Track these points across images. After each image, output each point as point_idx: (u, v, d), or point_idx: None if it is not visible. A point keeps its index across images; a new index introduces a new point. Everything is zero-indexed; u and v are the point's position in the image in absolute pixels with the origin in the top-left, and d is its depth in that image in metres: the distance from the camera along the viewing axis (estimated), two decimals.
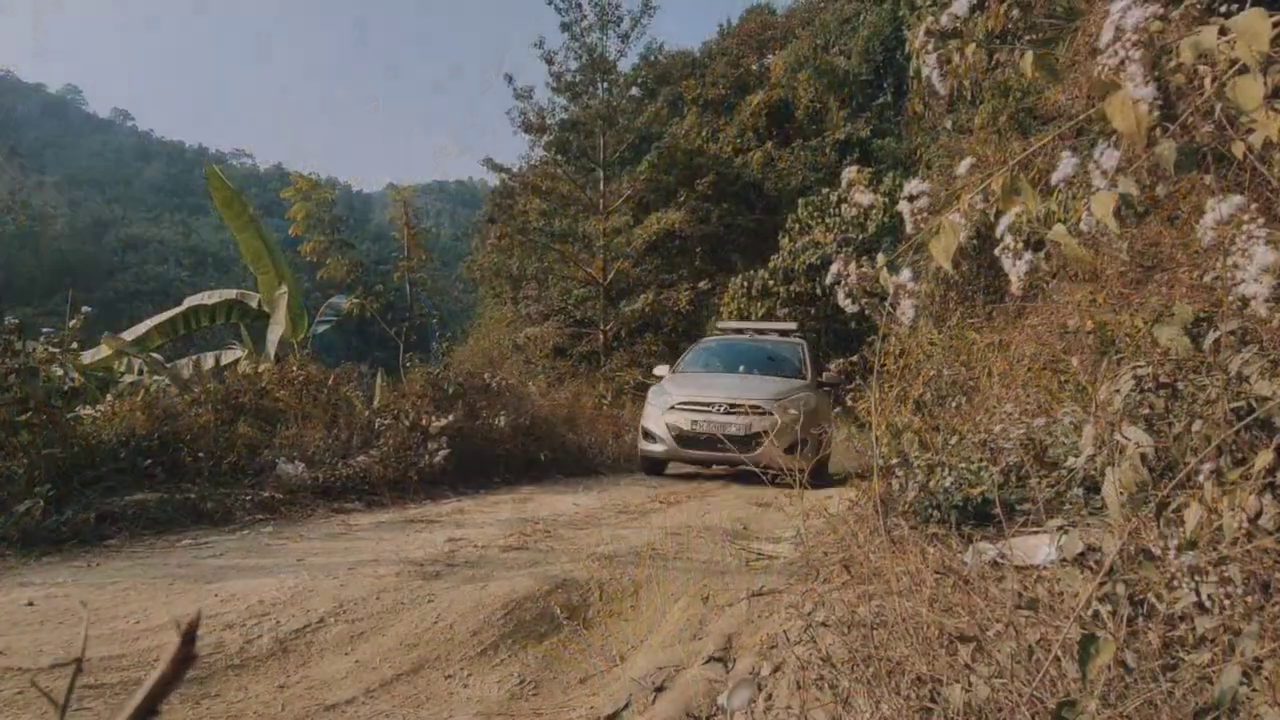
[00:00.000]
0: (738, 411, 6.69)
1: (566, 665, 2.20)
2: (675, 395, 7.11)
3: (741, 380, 7.52)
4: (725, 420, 6.64)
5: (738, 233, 21.13)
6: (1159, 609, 1.26)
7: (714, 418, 6.69)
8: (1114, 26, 1.00)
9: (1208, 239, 1.02)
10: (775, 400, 6.73)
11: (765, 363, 7.95)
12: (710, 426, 6.51)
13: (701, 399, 6.95)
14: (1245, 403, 1.33)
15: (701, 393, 7.08)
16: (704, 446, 6.66)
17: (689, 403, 6.93)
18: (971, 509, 2.75)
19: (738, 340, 8.89)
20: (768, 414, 6.49)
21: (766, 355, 8.16)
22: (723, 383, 7.40)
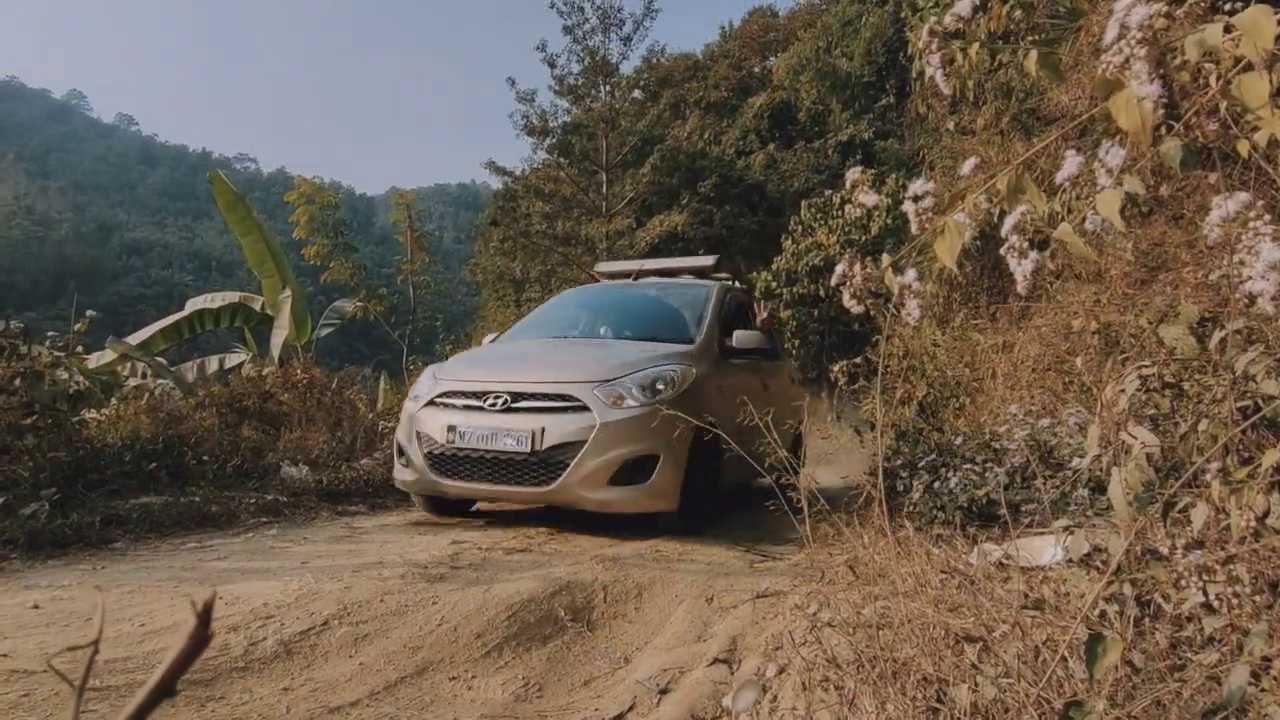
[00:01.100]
0: (523, 408, 3.79)
1: (571, 667, 2.20)
2: (441, 382, 4.14)
3: (565, 352, 4.54)
4: (499, 425, 3.74)
5: (740, 235, 21.12)
6: (1166, 609, 1.26)
7: (484, 420, 3.79)
8: (1118, 24, 1.00)
9: (1213, 237, 1.01)
10: (604, 383, 3.77)
11: (644, 321, 5.04)
12: (476, 437, 3.75)
13: (472, 386, 3.98)
14: (1252, 401, 1.32)
15: (478, 375, 4.11)
16: (469, 473, 3.79)
17: (454, 394, 3.98)
18: (977, 510, 2.75)
19: (614, 290, 5.73)
20: (581, 409, 3.70)
21: (650, 310, 5.26)
22: (530, 356, 4.45)
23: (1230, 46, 0.95)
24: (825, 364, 13.66)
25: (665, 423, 3.23)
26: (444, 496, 4.11)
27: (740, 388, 4.45)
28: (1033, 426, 3.00)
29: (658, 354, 4.15)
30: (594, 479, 3.61)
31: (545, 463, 3.66)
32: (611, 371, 3.87)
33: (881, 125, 22.17)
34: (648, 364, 3.97)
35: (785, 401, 5.58)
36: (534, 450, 3.65)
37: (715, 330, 4.65)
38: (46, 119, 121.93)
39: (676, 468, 3.73)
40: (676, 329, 4.74)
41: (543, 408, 3.77)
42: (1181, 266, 3.65)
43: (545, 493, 3.66)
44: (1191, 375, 1.62)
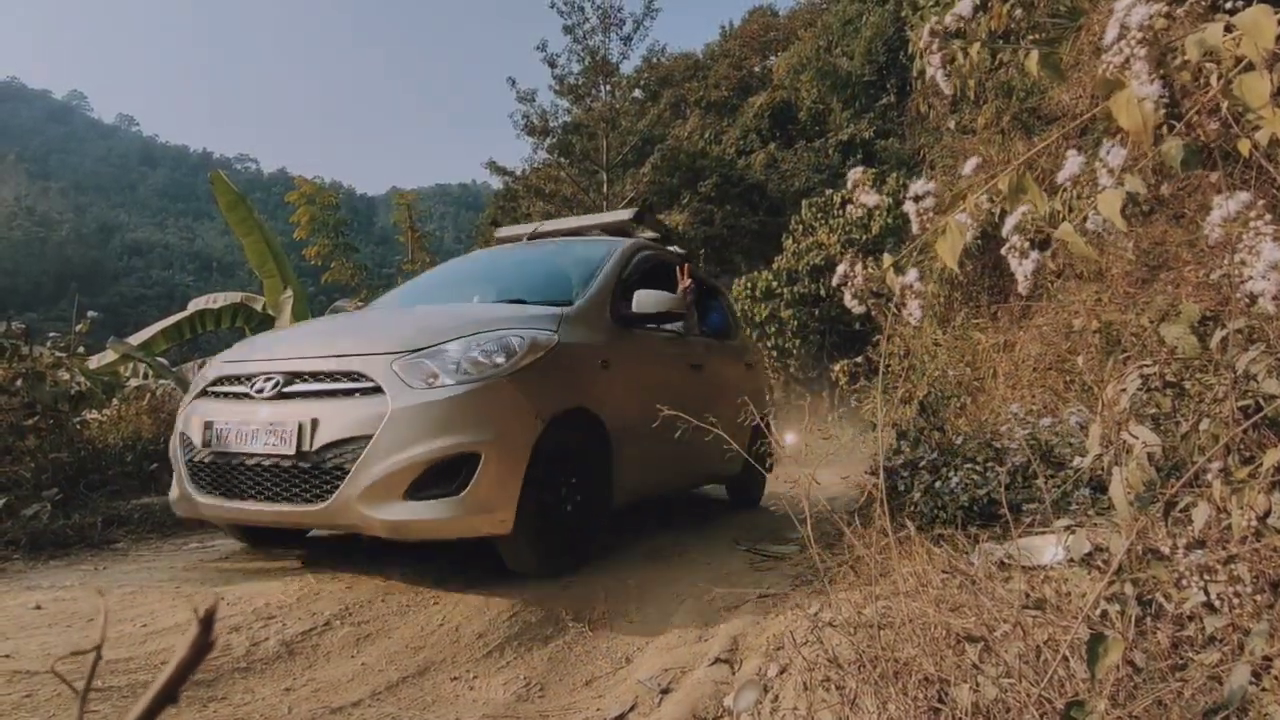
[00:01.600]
0: (298, 393, 2.73)
1: (572, 667, 2.20)
2: (218, 365, 3.09)
3: (377, 316, 3.65)
4: (265, 418, 2.69)
5: (741, 234, 21.13)
6: (1167, 608, 1.26)
7: (248, 413, 2.75)
8: (1118, 24, 1.00)
9: (1214, 236, 1.01)
10: (409, 355, 2.70)
11: (519, 284, 4.04)
12: (236, 436, 2.72)
13: (245, 368, 2.93)
14: (1253, 401, 1.32)
15: (259, 353, 3.03)
16: (228, 488, 2.76)
17: (226, 379, 2.95)
18: (978, 509, 2.75)
19: (500, 252, 4.67)
20: (373, 391, 2.62)
21: (531, 271, 4.25)
22: (336, 326, 3.39)
23: (1231, 46, 0.95)
24: (826, 363, 13.65)
25: (498, 408, 2.52)
26: (205, 519, 2.98)
27: (649, 367, 3.73)
28: (1034, 426, 3.00)
29: (507, 316, 3.01)
30: (383, 490, 2.45)
31: (317, 469, 2.53)
32: (423, 338, 2.72)
33: (882, 124, 22.16)
34: (482, 328, 2.82)
35: (733, 389, 4.52)
36: (301, 451, 2.53)
37: (607, 293, 3.53)
38: (47, 120, 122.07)
39: (508, 471, 2.58)
40: (555, 291, 3.59)
41: (321, 390, 2.66)
42: (1183, 266, 3.65)
43: (316, 513, 2.52)
44: (1193, 374, 1.62)
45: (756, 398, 5.01)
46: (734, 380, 4.81)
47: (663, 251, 4.51)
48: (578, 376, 3.07)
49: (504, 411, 2.61)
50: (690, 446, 3.72)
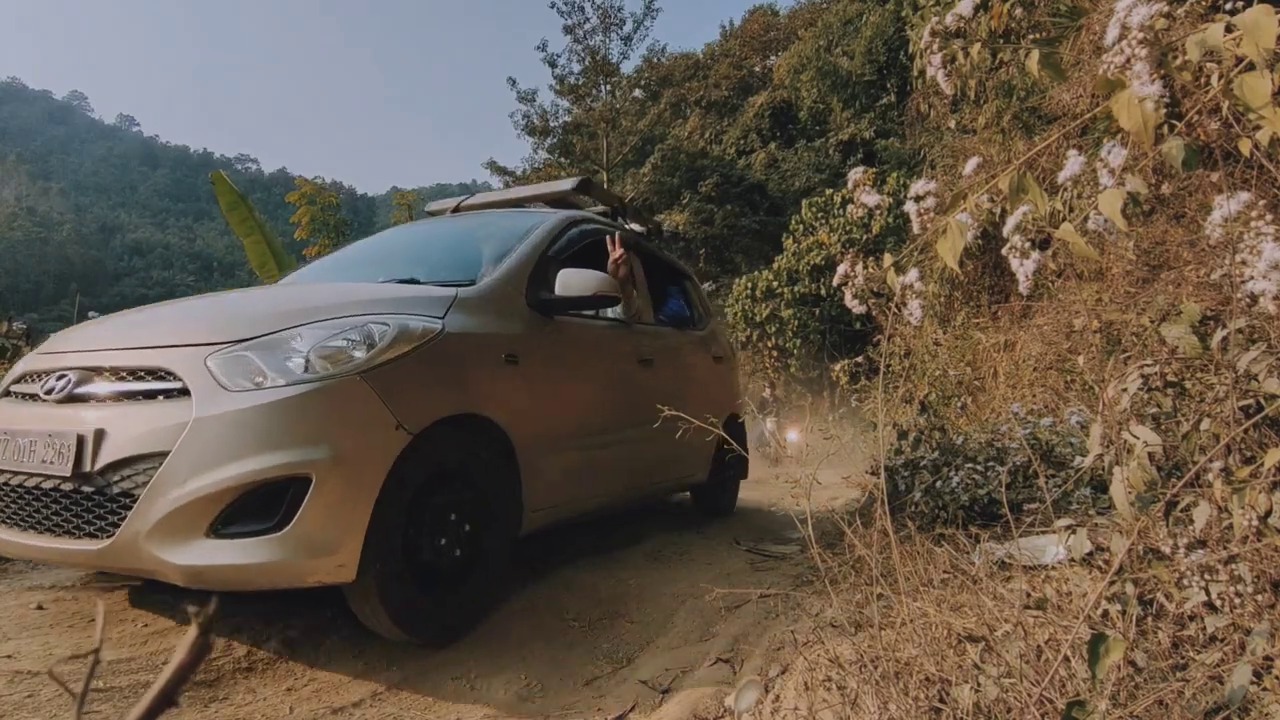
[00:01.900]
0: (89, 395, 2.09)
1: (573, 668, 2.20)
2: (28, 359, 2.52)
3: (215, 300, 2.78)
4: (46, 427, 2.06)
5: (742, 234, 21.15)
6: (1168, 608, 1.26)
7: (32, 420, 2.13)
8: (1119, 24, 1.00)
9: (1215, 236, 1.01)
10: (231, 346, 2.05)
11: (424, 262, 3.40)
12: (14, 450, 2.10)
13: (44, 363, 2.30)
14: (1254, 400, 1.32)
15: (63, 346, 2.42)
16: None
17: (27, 376, 2.34)
18: (978, 509, 2.75)
19: (419, 227, 4.06)
20: (178, 394, 1.99)
21: (442, 247, 3.61)
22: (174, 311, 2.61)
23: (1231, 46, 0.95)
24: (827, 363, 13.67)
25: (341, 416, 1.97)
26: None
27: (578, 362, 3.10)
28: (1034, 425, 3.00)
29: (380, 299, 2.40)
30: (180, 525, 1.87)
31: (100, 496, 1.95)
32: (256, 325, 2.11)
33: (882, 124, 22.17)
34: (340, 313, 2.21)
35: (696, 387, 4.10)
36: (80, 472, 1.95)
37: (523, 272, 2.88)
38: (48, 120, 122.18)
39: (351, 499, 1.95)
40: (459, 270, 2.96)
41: (119, 393, 2.06)
42: (1183, 265, 3.65)
43: (95, 553, 1.93)
44: (1193, 374, 1.62)
45: (727, 395, 4.64)
46: (698, 376, 4.30)
47: (607, 226, 3.76)
48: (470, 374, 2.44)
49: (350, 420, 1.99)
50: (639, 454, 3.44)
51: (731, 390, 4.87)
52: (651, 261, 4.24)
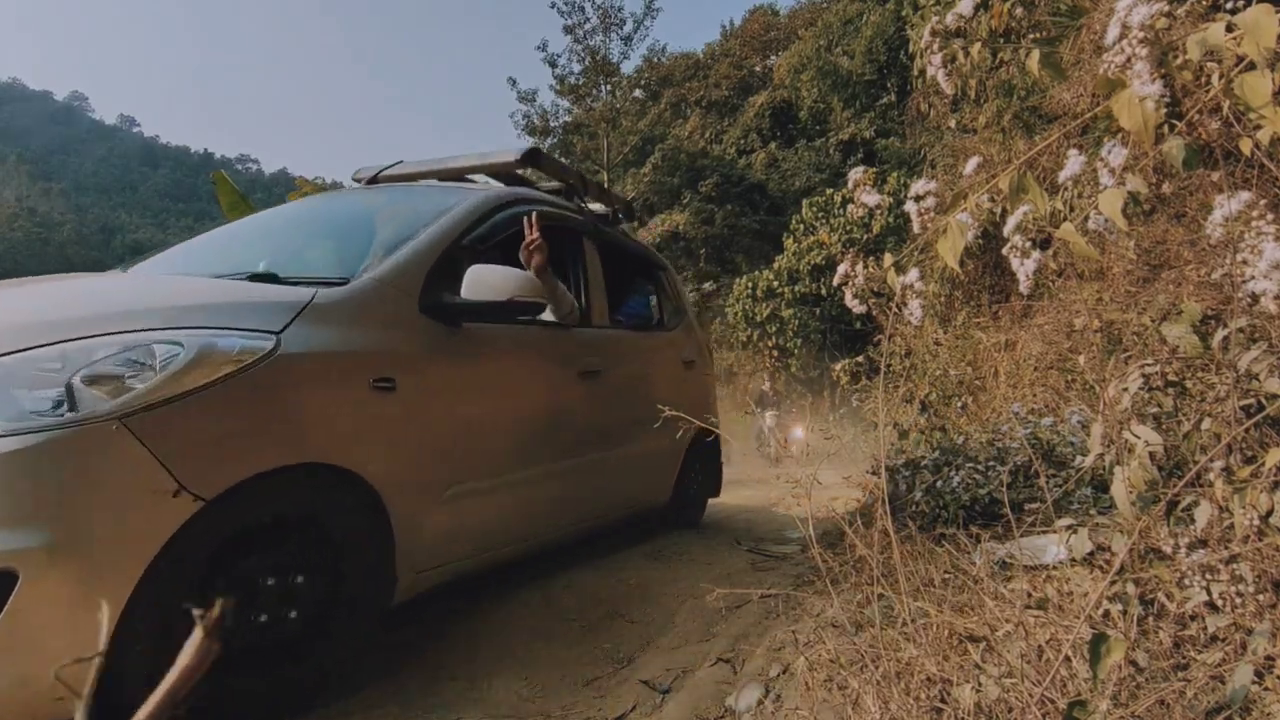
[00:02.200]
0: None
1: (573, 667, 2.20)
2: None
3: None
4: None
5: (742, 234, 21.15)
6: (1170, 608, 1.26)
7: None
8: (1119, 24, 1.00)
9: (1216, 236, 1.01)
10: None
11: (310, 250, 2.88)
12: None
13: None
14: (1255, 400, 1.32)
15: None
16: None
17: None
18: (979, 509, 2.74)
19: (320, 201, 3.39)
20: None
21: (330, 230, 2.99)
22: None
23: (1232, 45, 0.95)
24: (827, 362, 13.65)
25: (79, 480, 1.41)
26: None
27: (491, 381, 2.50)
28: (1035, 425, 3.00)
29: (200, 303, 1.82)
30: None
31: None
32: None
33: (883, 124, 22.17)
34: (127, 323, 1.63)
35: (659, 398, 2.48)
36: None
37: (419, 268, 2.29)
38: (48, 121, 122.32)
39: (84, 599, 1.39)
40: (337, 262, 2.54)
41: None
42: (1184, 265, 3.65)
43: None
44: (1194, 373, 1.62)
45: (698, 404, 3.88)
46: (662, 385, 3.61)
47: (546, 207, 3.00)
48: (316, 410, 1.84)
49: (94, 486, 1.42)
50: (578, 486, 2.92)
51: (704, 398, 4.19)
52: (614, 250, 3.56)
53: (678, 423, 1.95)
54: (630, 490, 3.43)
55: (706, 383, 4.36)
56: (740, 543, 3.80)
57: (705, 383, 4.32)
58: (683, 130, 24.44)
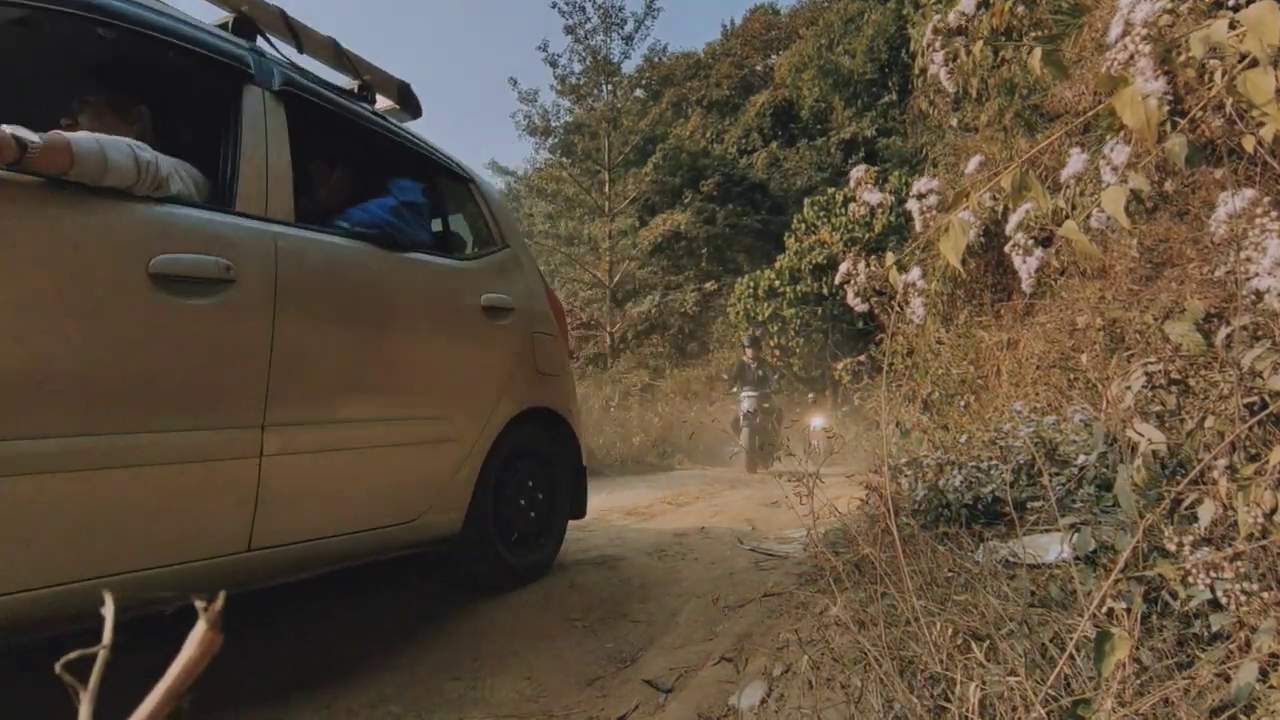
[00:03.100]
0: None
1: (576, 667, 2.20)
2: None
3: None
4: None
5: (743, 233, 21.14)
6: (1174, 606, 1.26)
7: None
8: (1122, 21, 1.00)
9: (1219, 233, 1.01)
10: None
11: None
12: None
13: None
14: (1259, 398, 1.32)
15: None
16: None
17: None
18: (982, 508, 2.74)
19: None
20: None
21: None
22: None
23: (1235, 42, 0.94)
24: (829, 362, 13.64)
25: None
26: None
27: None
28: (1038, 424, 3.00)
29: None
30: None
31: None
32: None
33: (884, 123, 22.15)
34: None
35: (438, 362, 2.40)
36: None
37: None
38: None
39: None
40: None
41: None
42: (1187, 263, 3.64)
43: None
44: (1197, 372, 1.61)
45: (519, 377, 2.75)
46: (434, 338, 2.42)
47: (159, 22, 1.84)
48: None
49: None
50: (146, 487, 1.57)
51: (534, 369, 2.86)
52: (349, 133, 2.46)
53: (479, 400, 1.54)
54: (341, 506, 2.02)
55: (543, 349, 2.96)
56: (742, 542, 3.80)
57: (539, 349, 2.94)
58: (684, 130, 24.42)
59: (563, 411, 3.05)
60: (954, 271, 6.99)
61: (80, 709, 0.25)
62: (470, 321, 2.62)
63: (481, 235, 3.02)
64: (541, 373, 2.94)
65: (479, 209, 3.01)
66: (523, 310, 2.89)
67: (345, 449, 1.93)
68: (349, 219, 2.34)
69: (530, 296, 2.98)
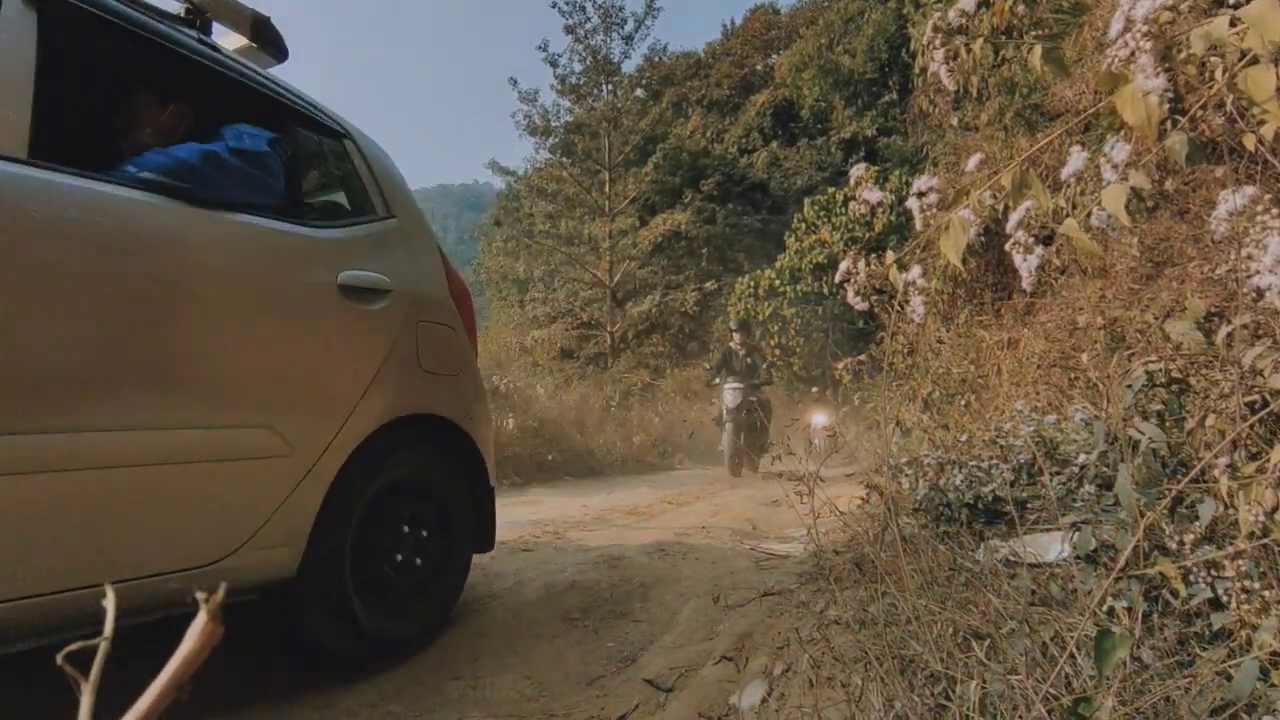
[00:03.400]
0: None
1: (577, 667, 2.20)
2: None
3: None
4: None
5: (744, 233, 21.15)
6: (1174, 605, 1.25)
7: None
8: (1124, 18, 0.99)
9: (1220, 231, 1.01)
10: None
11: None
12: None
13: None
14: (1260, 396, 1.32)
15: None
16: None
17: None
18: (982, 507, 2.74)
19: None
20: None
21: None
22: None
23: (1236, 40, 0.94)
24: (830, 361, 13.64)
25: None
26: None
27: None
28: (1039, 423, 3.00)
29: None
30: None
31: None
32: None
33: (885, 122, 22.15)
34: None
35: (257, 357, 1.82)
36: None
37: None
38: None
39: None
40: None
41: None
42: (1188, 261, 3.63)
43: None
44: (1198, 370, 1.61)
45: (398, 379, 2.20)
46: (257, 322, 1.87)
47: None
48: None
49: None
50: None
51: (410, 367, 2.26)
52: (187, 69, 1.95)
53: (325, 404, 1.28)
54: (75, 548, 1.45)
55: (433, 343, 2.38)
56: (743, 541, 3.80)
57: (428, 342, 2.35)
58: (684, 129, 24.43)
59: (460, 420, 2.45)
60: (954, 270, 6.98)
61: (82, 701, 0.25)
62: (317, 303, 2.04)
63: (357, 202, 2.40)
64: (430, 372, 2.33)
65: (354, 170, 2.42)
66: (405, 294, 2.28)
67: (87, 467, 1.41)
68: (142, 163, 1.82)
69: (419, 278, 2.40)
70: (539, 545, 3.59)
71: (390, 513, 2.20)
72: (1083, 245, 1.16)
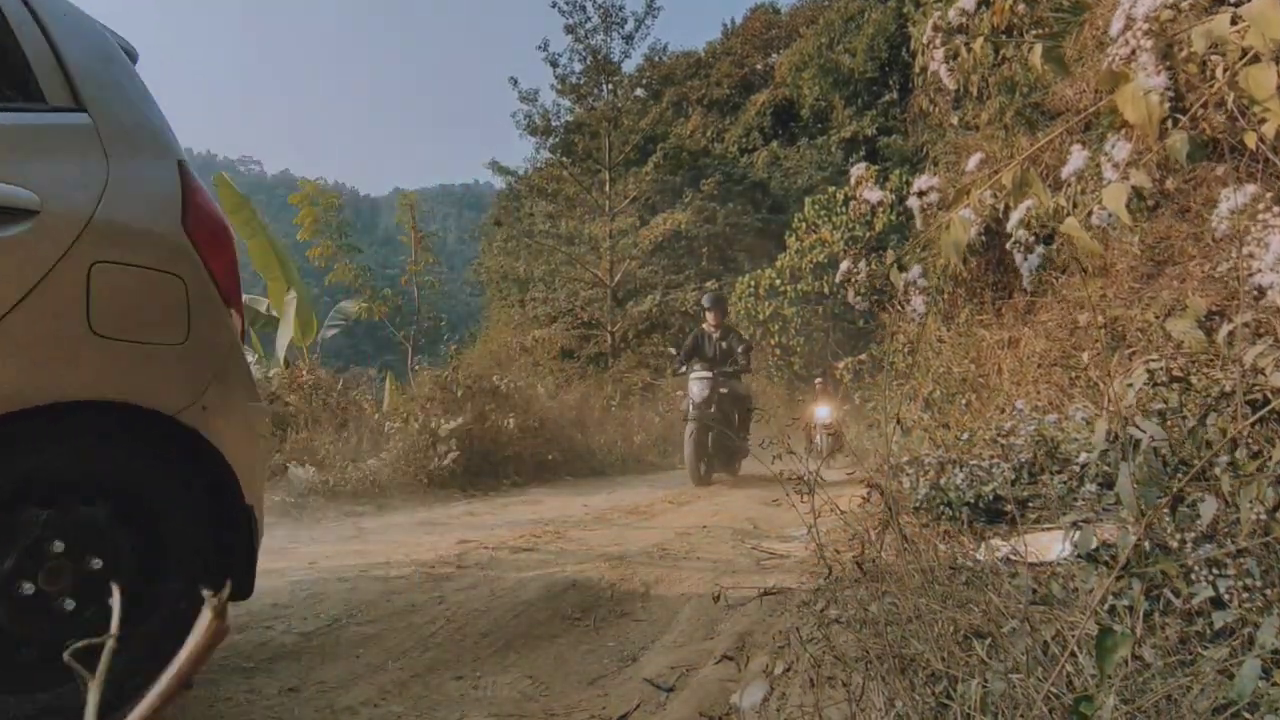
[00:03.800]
0: None
1: (578, 666, 2.20)
2: None
3: None
4: None
5: (744, 233, 21.14)
6: (1176, 603, 1.25)
7: None
8: (1125, 16, 0.99)
9: (1221, 229, 1.01)
10: None
11: None
12: None
13: None
14: (1261, 395, 1.32)
15: None
16: None
17: None
18: (983, 506, 2.74)
19: None
20: None
21: None
22: None
23: (1237, 38, 0.94)
24: (830, 360, 13.63)
25: None
26: None
27: None
28: (1039, 422, 2.99)
29: None
30: None
31: None
32: None
33: (885, 121, 22.15)
34: None
35: None
36: None
37: None
38: None
39: None
40: None
41: None
42: (1189, 260, 3.63)
43: None
44: (1199, 369, 1.61)
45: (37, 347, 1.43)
46: None
47: None
48: None
49: None
50: None
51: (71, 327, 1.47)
52: None
53: None
54: None
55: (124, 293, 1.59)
56: (744, 540, 3.80)
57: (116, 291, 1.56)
58: (684, 129, 24.43)
59: (178, 412, 1.61)
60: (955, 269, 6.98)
61: (88, 697, 0.25)
62: None
63: (17, 82, 1.59)
64: (109, 337, 1.53)
65: (14, 38, 1.59)
66: (66, 218, 1.50)
67: None
68: None
69: (110, 200, 1.59)
70: (540, 545, 3.59)
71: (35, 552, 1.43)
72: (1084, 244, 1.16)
